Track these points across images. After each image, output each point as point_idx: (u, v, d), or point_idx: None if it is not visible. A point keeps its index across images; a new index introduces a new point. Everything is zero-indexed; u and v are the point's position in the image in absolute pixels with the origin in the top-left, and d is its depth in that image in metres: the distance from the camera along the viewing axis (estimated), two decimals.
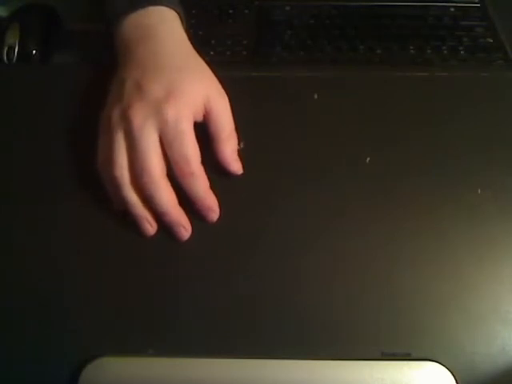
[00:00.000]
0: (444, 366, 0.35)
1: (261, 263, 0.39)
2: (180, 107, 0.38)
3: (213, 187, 0.40)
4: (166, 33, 0.43)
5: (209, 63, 0.43)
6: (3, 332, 0.37)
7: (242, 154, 0.42)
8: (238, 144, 0.42)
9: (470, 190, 0.41)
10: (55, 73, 0.50)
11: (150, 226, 0.39)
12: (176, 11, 0.44)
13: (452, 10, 0.55)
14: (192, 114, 0.39)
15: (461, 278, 0.38)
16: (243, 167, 0.42)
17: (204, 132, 0.41)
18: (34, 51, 0.53)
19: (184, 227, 0.39)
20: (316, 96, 0.46)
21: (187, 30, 0.45)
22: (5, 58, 0.52)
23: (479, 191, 0.41)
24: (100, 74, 0.47)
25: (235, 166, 0.41)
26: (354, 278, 0.38)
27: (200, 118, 0.40)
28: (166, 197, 0.39)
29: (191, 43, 0.44)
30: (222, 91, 0.42)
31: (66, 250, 0.40)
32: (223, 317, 0.37)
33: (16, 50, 0.52)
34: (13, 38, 0.53)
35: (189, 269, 0.39)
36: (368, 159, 0.43)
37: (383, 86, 0.47)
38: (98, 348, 0.36)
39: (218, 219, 0.40)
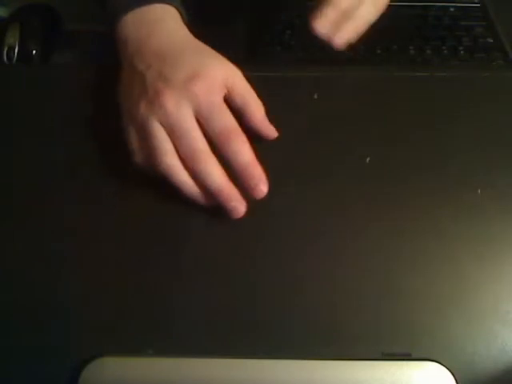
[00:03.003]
0: (444, 366, 0.35)
1: (261, 263, 0.39)
2: (206, 83, 0.39)
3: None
4: (171, 27, 0.43)
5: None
6: (3, 332, 0.37)
7: None
8: None
9: (470, 190, 0.41)
10: (55, 73, 0.50)
11: (207, 203, 0.40)
12: (177, 9, 0.45)
13: (452, 9, 0.56)
14: (218, 89, 0.40)
15: (461, 277, 0.38)
16: None
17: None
18: (34, 51, 0.53)
19: (240, 201, 0.39)
20: (316, 96, 0.46)
21: (189, 28, 0.45)
22: (5, 58, 0.52)
23: (479, 191, 0.41)
24: (100, 73, 0.47)
25: (270, 130, 0.42)
26: (354, 277, 0.38)
27: (223, 97, 0.41)
28: (219, 174, 0.38)
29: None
30: (239, 71, 0.42)
31: (66, 250, 0.40)
32: (223, 317, 0.37)
33: (16, 50, 0.52)
34: (13, 38, 0.53)
35: (189, 269, 0.39)
36: (368, 159, 0.43)
37: (383, 86, 0.47)
38: (98, 348, 0.36)
39: (219, 219, 0.40)
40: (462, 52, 0.52)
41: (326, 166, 0.43)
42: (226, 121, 0.39)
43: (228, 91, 0.41)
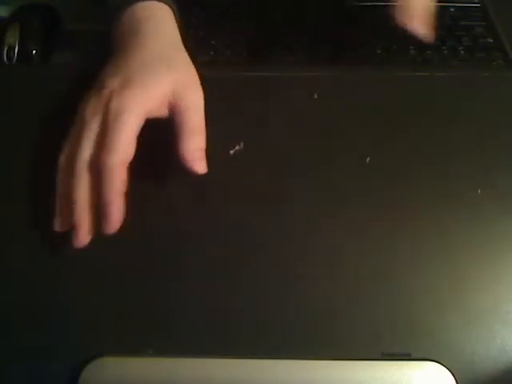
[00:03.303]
0: (444, 366, 0.35)
1: (260, 263, 0.39)
2: (128, 98, 0.37)
3: (205, 191, 0.40)
4: (153, 27, 0.42)
5: (210, 62, 0.43)
6: (3, 332, 0.37)
7: (241, 154, 0.42)
8: (238, 144, 0.42)
9: (470, 189, 0.42)
10: (55, 73, 0.50)
11: (58, 222, 0.38)
12: (169, 5, 0.44)
13: (452, 10, 0.55)
14: (143, 107, 0.37)
15: (461, 277, 0.38)
16: (243, 167, 0.42)
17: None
18: (34, 51, 0.53)
19: (78, 231, 0.36)
20: (316, 96, 0.46)
21: (180, 25, 0.44)
22: (5, 58, 0.52)
23: (479, 191, 0.41)
24: (100, 74, 0.47)
25: (197, 164, 0.38)
26: (354, 277, 0.38)
27: (164, 113, 0.39)
28: (80, 189, 0.36)
29: (185, 39, 0.44)
30: (195, 85, 0.40)
31: (66, 250, 0.40)
32: (223, 317, 0.37)
33: (16, 50, 0.52)
34: (13, 38, 0.53)
35: (189, 269, 0.39)
36: (368, 159, 0.43)
37: (383, 86, 0.47)
38: (98, 348, 0.36)
39: (219, 219, 0.40)
40: (462, 52, 0.52)
41: (326, 165, 0.43)
42: (115, 143, 0.36)
43: (171, 107, 0.39)
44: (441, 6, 0.55)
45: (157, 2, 0.43)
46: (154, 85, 0.38)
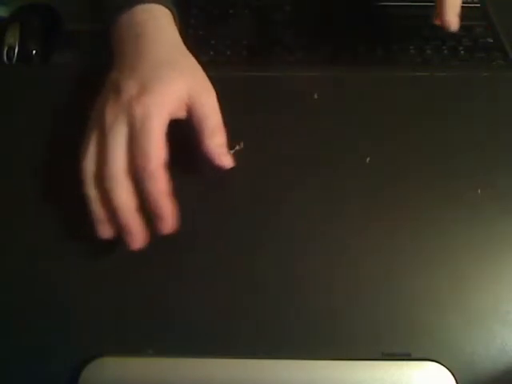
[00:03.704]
0: (444, 366, 0.35)
1: (260, 263, 0.39)
2: (150, 104, 0.38)
3: (205, 191, 0.40)
4: (153, 30, 0.42)
5: (210, 62, 0.43)
6: (3, 332, 0.37)
7: (241, 154, 0.42)
8: (238, 144, 0.42)
9: (470, 189, 0.42)
10: (55, 73, 0.50)
11: (105, 228, 0.38)
12: (169, 8, 0.44)
13: None
14: (165, 111, 0.38)
15: (461, 277, 0.38)
16: (243, 167, 0.42)
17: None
18: (34, 51, 0.53)
19: (132, 235, 0.37)
20: (316, 96, 0.46)
21: (181, 28, 0.45)
22: (5, 57, 0.52)
23: (479, 191, 0.41)
24: (100, 74, 0.47)
25: (223, 159, 0.40)
26: (354, 277, 0.38)
27: (181, 115, 0.40)
28: (123, 195, 0.37)
29: (185, 42, 0.44)
30: (208, 87, 0.41)
31: (65, 250, 0.40)
32: (223, 317, 0.37)
33: (16, 50, 0.52)
34: (13, 38, 0.53)
35: (189, 269, 0.39)
36: (368, 159, 0.43)
37: (383, 86, 0.47)
38: (98, 348, 0.36)
39: (219, 219, 0.40)
40: (462, 52, 0.52)
41: (326, 165, 0.43)
42: (149, 149, 0.37)
43: (188, 108, 0.40)
44: None
45: (157, 5, 0.44)
46: (171, 89, 0.39)
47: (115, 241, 0.40)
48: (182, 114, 0.40)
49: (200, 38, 0.53)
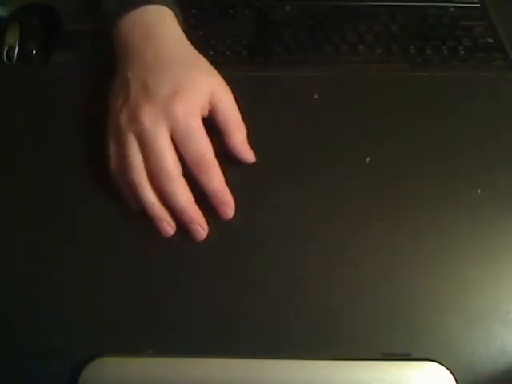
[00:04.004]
0: (444, 366, 0.35)
1: (261, 263, 0.39)
2: (188, 104, 0.39)
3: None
4: (165, 32, 0.43)
5: (210, 62, 0.43)
6: (3, 332, 0.37)
7: None
8: None
9: (470, 189, 0.42)
10: (55, 73, 0.50)
11: (170, 227, 0.40)
12: (173, 10, 0.44)
13: (452, 9, 0.55)
14: (199, 109, 0.40)
15: (461, 277, 0.38)
16: (243, 167, 0.42)
17: (212, 128, 0.41)
18: (34, 51, 0.53)
19: (201, 226, 0.40)
20: (316, 96, 0.46)
21: (184, 29, 0.45)
22: (5, 57, 0.52)
23: (479, 191, 0.41)
24: (100, 74, 0.47)
25: (247, 154, 0.42)
26: (354, 277, 0.38)
27: (206, 114, 0.41)
28: (184, 195, 0.39)
29: (190, 42, 0.44)
30: (226, 86, 0.42)
31: (66, 250, 0.40)
32: (223, 317, 0.37)
33: (16, 50, 0.52)
34: (13, 38, 0.53)
35: (189, 268, 0.39)
36: (368, 159, 0.43)
37: (383, 86, 0.47)
38: (98, 348, 0.36)
39: (219, 219, 0.40)
40: (462, 52, 0.52)
41: (326, 165, 0.43)
42: (201, 147, 0.39)
43: (211, 107, 0.41)
44: (441, 6, 0.56)
45: (162, 7, 0.44)
46: (201, 89, 0.40)
47: (116, 241, 0.40)
48: (206, 113, 0.41)
49: (200, 38, 0.53)
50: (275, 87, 0.46)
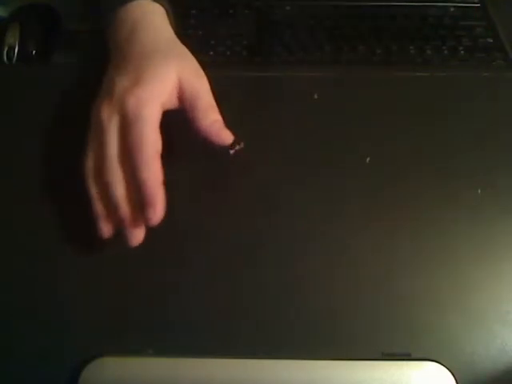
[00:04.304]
0: (444, 366, 0.35)
1: (261, 263, 0.39)
2: (141, 94, 0.38)
3: (207, 188, 0.40)
4: (146, 25, 0.43)
5: (210, 62, 0.43)
6: (3, 332, 0.37)
7: (241, 154, 0.42)
8: (238, 144, 0.42)
9: (470, 189, 0.42)
10: (55, 73, 0.50)
11: (105, 227, 0.38)
12: (160, 3, 0.44)
13: (452, 9, 0.55)
14: (158, 100, 0.38)
15: (461, 277, 0.38)
16: (243, 167, 0.42)
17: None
18: (34, 51, 0.53)
19: (131, 229, 0.37)
20: (316, 96, 0.46)
21: (173, 22, 0.44)
22: (5, 58, 0.52)
23: (479, 191, 0.41)
24: (100, 74, 0.47)
25: (222, 135, 0.39)
26: (354, 277, 0.38)
27: (175, 104, 0.40)
28: (120, 187, 0.37)
29: (183, 40, 0.44)
30: (198, 71, 0.41)
31: (66, 250, 0.40)
32: (223, 317, 0.37)
33: (16, 50, 0.52)
34: (13, 38, 0.53)
35: (189, 269, 0.39)
36: (368, 159, 0.43)
37: (383, 86, 0.47)
38: (98, 348, 0.36)
39: (219, 219, 0.40)
40: (462, 52, 0.52)
41: (326, 165, 0.43)
42: (142, 137, 0.37)
43: (179, 93, 0.40)
44: (441, 6, 0.56)
45: (149, 2, 0.44)
46: (162, 77, 0.39)
47: (115, 240, 0.40)
48: (174, 102, 0.40)
49: (200, 38, 0.53)
50: (275, 87, 0.46)
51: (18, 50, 0.52)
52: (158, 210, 0.36)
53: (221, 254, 0.39)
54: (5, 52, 0.52)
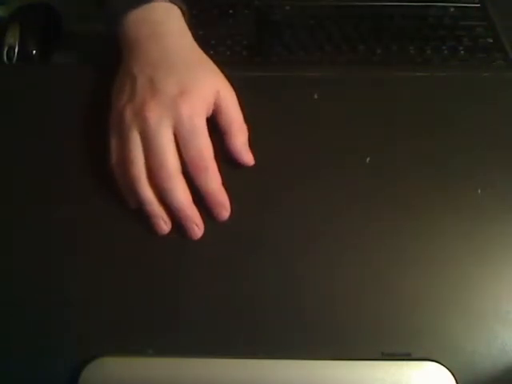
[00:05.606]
0: (444, 366, 0.35)
1: (261, 263, 0.39)
2: (193, 103, 0.39)
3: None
4: (173, 30, 0.43)
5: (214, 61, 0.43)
6: (3, 332, 0.37)
7: None
8: None
9: (470, 189, 0.41)
10: (55, 73, 0.50)
11: (165, 224, 0.40)
12: (179, 7, 0.44)
13: (452, 9, 0.55)
14: (205, 109, 0.40)
15: (461, 278, 0.38)
16: (243, 167, 0.42)
17: (214, 128, 0.41)
18: (34, 51, 0.53)
19: (197, 225, 0.40)
20: (316, 96, 0.46)
21: (190, 26, 0.45)
22: (5, 58, 0.52)
23: (479, 191, 0.41)
24: (100, 74, 0.47)
25: (246, 157, 0.42)
26: (354, 277, 0.38)
27: (210, 114, 0.41)
28: (182, 193, 0.39)
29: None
30: (230, 86, 0.42)
31: (66, 250, 0.40)
32: (223, 317, 0.37)
33: (16, 50, 0.52)
34: (13, 38, 0.53)
35: (189, 269, 0.39)
36: (368, 159, 0.43)
37: (383, 86, 0.47)
38: (98, 348, 0.36)
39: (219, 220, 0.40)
40: (462, 52, 0.52)
41: (326, 165, 0.43)
42: (201, 147, 0.39)
43: (215, 107, 0.41)
44: (441, 6, 0.56)
45: (168, 4, 0.44)
46: (207, 89, 0.40)
47: (116, 240, 0.40)
48: (210, 113, 0.41)
49: (200, 38, 0.53)
50: (275, 87, 0.46)
51: (18, 50, 0.52)
52: (227, 208, 0.40)
53: (221, 254, 0.39)
54: (5, 52, 0.52)
